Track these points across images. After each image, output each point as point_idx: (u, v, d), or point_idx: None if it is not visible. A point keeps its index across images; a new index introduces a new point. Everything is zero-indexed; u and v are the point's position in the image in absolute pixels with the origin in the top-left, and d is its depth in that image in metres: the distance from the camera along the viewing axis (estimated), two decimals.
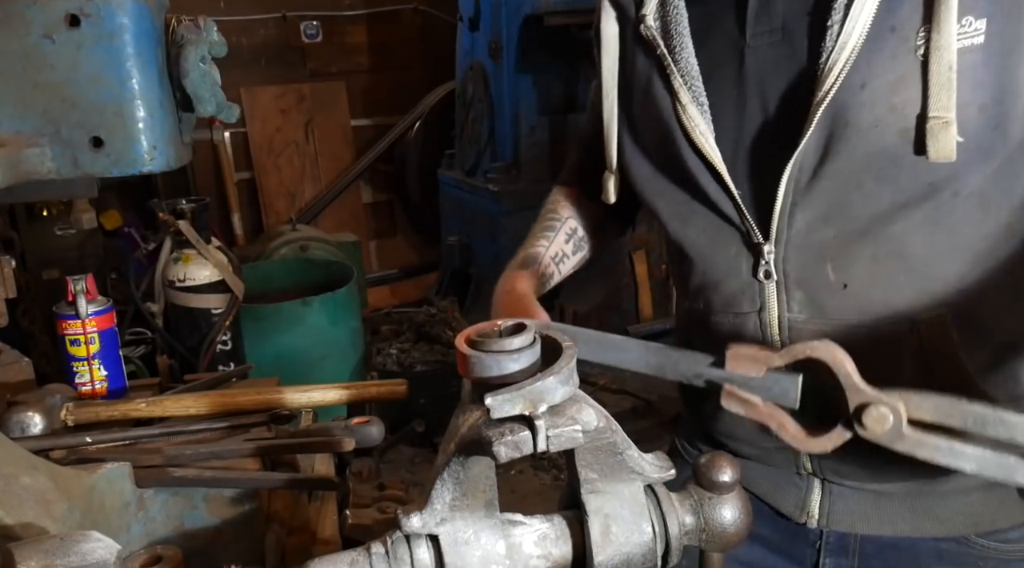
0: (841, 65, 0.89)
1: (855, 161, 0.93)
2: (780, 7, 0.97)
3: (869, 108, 0.90)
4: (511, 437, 0.60)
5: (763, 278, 1.02)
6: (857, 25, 0.88)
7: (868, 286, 0.98)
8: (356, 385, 1.29)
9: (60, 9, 0.76)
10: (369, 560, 0.64)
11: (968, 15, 0.85)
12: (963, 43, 0.85)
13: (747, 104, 1.00)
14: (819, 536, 1.12)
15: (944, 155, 0.87)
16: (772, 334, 1.04)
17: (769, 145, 0.98)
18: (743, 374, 0.70)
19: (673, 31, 1.04)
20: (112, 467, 0.94)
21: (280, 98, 5.61)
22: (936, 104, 0.87)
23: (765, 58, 0.98)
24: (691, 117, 1.01)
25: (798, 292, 1.01)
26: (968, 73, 0.86)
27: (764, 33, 0.98)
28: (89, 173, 0.80)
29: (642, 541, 0.65)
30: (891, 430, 0.68)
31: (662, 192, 1.13)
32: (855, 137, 0.91)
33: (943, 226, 0.94)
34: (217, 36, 0.87)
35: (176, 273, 2.23)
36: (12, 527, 0.76)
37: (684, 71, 1.02)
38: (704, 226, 1.08)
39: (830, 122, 0.92)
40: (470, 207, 4.80)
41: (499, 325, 0.64)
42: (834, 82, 0.90)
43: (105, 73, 0.78)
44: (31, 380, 1.47)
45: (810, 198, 0.96)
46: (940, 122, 0.87)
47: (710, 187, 1.02)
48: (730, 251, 1.05)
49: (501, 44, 4.44)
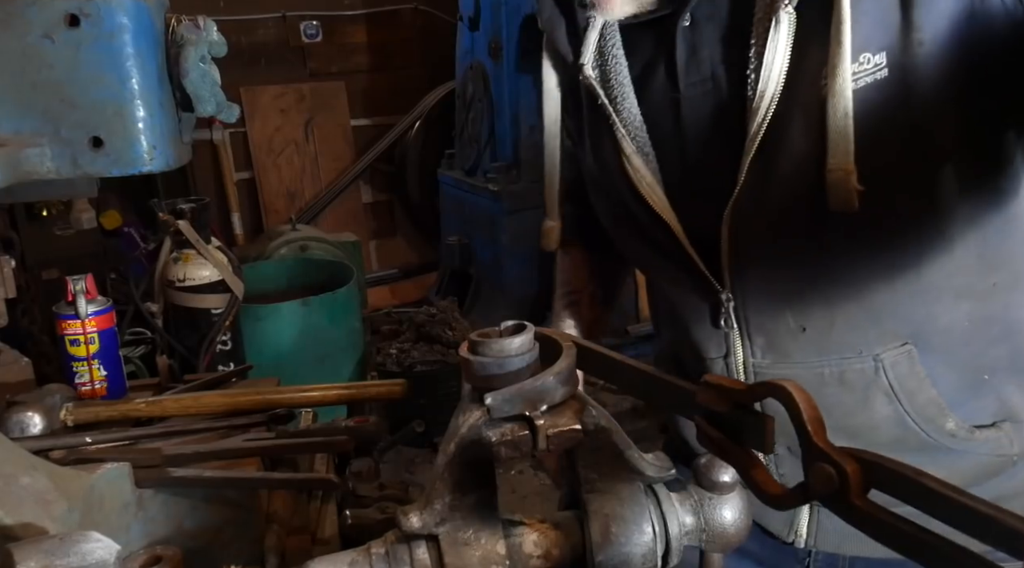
0: (762, 114, 0.88)
1: (785, 210, 0.91)
2: (707, 57, 0.95)
3: (785, 155, 0.89)
4: (511, 437, 0.60)
5: (723, 325, 1.02)
6: (773, 72, 0.87)
7: (827, 329, 0.97)
8: (356, 385, 1.28)
9: (60, 9, 0.76)
10: (369, 560, 0.64)
11: (865, 52, 0.83)
12: (865, 81, 0.83)
13: (687, 154, 0.99)
14: (808, 555, 1.11)
15: (844, 205, 0.84)
16: (739, 379, 1.03)
17: (710, 194, 0.96)
18: (713, 408, 0.66)
19: (613, 81, 1.02)
20: (112, 467, 0.94)
21: (280, 98, 5.61)
22: (833, 153, 0.84)
23: (700, 107, 0.97)
24: (636, 168, 1.00)
25: (759, 338, 1.01)
26: (876, 108, 0.83)
27: (695, 83, 0.96)
28: (89, 173, 0.80)
29: (642, 541, 0.65)
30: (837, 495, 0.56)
31: (624, 240, 1.13)
32: (781, 186, 0.90)
33: (889, 263, 0.93)
34: (217, 36, 0.87)
35: (176, 273, 2.22)
36: (12, 527, 0.76)
37: (627, 121, 1.01)
38: (669, 275, 1.08)
39: (757, 170, 0.91)
40: (470, 207, 4.80)
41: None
42: (756, 130, 0.89)
43: (105, 73, 0.78)
44: (31, 380, 1.48)
45: (754, 247, 0.96)
46: (839, 172, 0.84)
47: (663, 238, 1.01)
48: (693, 299, 1.05)
49: (501, 44, 4.44)
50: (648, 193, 1.00)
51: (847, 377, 0.98)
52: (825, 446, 0.57)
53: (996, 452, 1.00)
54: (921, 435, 0.98)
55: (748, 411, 0.64)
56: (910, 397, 0.96)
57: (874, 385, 0.97)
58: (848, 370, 0.97)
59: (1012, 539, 0.47)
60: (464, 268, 4.88)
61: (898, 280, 0.94)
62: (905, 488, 0.53)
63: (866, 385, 0.97)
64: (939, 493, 0.51)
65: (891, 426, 0.98)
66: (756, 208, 0.93)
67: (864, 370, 0.97)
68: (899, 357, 0.95)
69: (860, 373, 0.97)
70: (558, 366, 0.62)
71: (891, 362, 0.96)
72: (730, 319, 1.01)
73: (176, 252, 2.26)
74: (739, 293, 0.99)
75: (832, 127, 0.84)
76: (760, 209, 0.93)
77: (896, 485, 0.54)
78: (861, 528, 0.56)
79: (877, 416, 0.98)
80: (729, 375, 1.04)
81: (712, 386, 0.65)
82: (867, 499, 0.56)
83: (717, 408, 0.65)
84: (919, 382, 0.96)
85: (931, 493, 0.52)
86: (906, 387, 0.96)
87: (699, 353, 1.08)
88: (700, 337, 1.07)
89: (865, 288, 0.94)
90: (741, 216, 0.94)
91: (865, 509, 0.55)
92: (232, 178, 5.46)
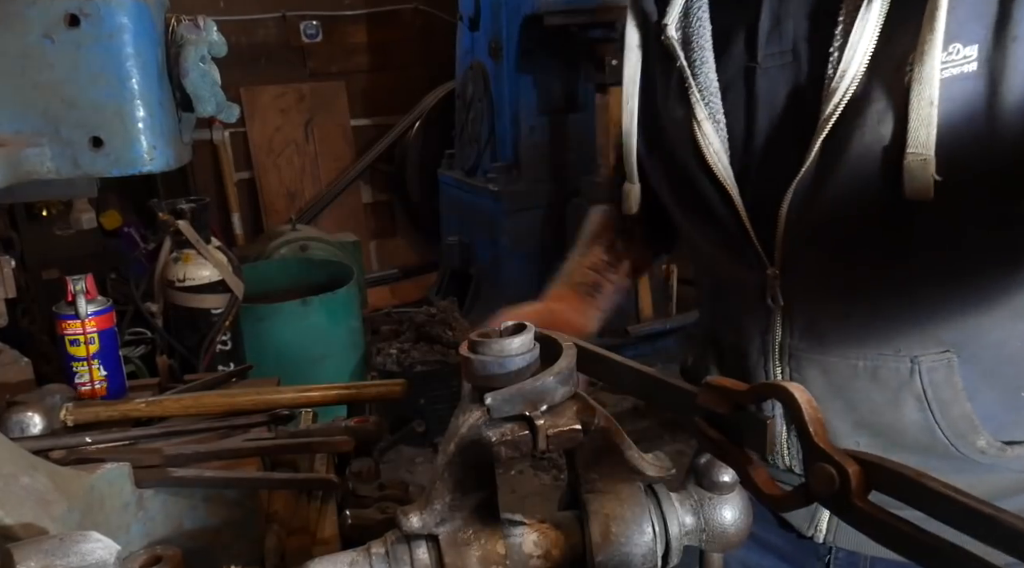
0: (840, 94, 0.87)
1: (850, 195, 0.90)
2: (790, 29, 0.94)
3: (859, 138, 0.87)
4: (511, 437, 0.60)
5: (769, 302, 1.00)
6: (857, 53, 0.85)
7: (869, 321, 0.95)
8: (356, 385, 1.28)
9: (60, 9, 0.76)
10: (369, 560, 0.64)
11: (956, 42, 0.81)
12: (951, 72, 0.82)
13: (757, 125, 0.98)
14: (828, 551, 1.10)
15: (920, 194, 0.83)
16: (774, 359, 1.02)
17: (776, 169, 0.95)
18: (714, 409, 0.65)
19: (695, 44, 1.00)
20: (112, 467, 0.94)
21: (280, 98, 5.61)
22: (914, 140, 0.83)
23: (775, 79, 0.96)
24: (706, 134, 0.98)
25: (800, 319, 0.99)
26: (959, 102, 0.82)
27: (775, 54, 0.95)
28: (89, 173, 0.80)
29: (642, 541, 0.65)
30: (837, 496, 0.56)
31: (679, 205, 1.11)
32: (847, 167, 0.89)
33: (946, 265, 0.90)
34: (217, 36, 0.87)
35: (176, 273, 2.23)
36: (12, 527, 0.76)
37: (703, 86, 0.99)
38: (717, 243, 1.06)
39: (828, 151, 0.89)
40: (470, 207, 4.80)
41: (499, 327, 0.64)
42: (832, 110, 0.87)
43: (105, 73, 0.78)
44: (31, 380, 1.47)
45: (810, 226, 0.94)
46: (918, 159, 0.83)
47: (720, 208, 1.00)
48: (740, 271, 1.03)
49: (501, 44, 4.44)
50: (714, 162, 0.98)
51: (880, 374, 0.95)
52: (827, 447, 0.57)
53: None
54: (950, 448, 0.95)
55: (748, 413, 0.63)
56: (943, 407, 0.94)
57: (907, 388, 0.94)
58: (883, 367, 0.95)
59: (1013, 540, 0.47)
60: (464, 268, 4.88)
61: (954, 285, 0.91)
62: (906, 489, 0.53)
63: (899, 386, 0.95)
64: (940, 494, 0.51)
65: (918, 432, 0.96)
66: (820, 189, 0.91)
67: (899, 370, 0.94)
68: (937, 363, 0.93)
69: (895, 372, 0.95)
70: (558, 366, 0.62)
71: (928, 367, 0.93)
72: (777, 296, 0.99)
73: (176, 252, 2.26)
74: (788, 271, 0.98)
75: (915, 115, 0.82)
76: (824, 191, 0.91)
77: (897, 486, 0.54)
78: (862, 529, 0.56)
79: (905, 420, 0.96)
80: (764, 354, 1.03)
81: (713, 387, 0.65)
82: (868, 500, 0.56)
83: (718, 409, 0.65)
84: (955, 393, 0.93)
85: (932, 494, 0.52)
86: (940, 396, 0.93)
87: (739, 329, 1.06)
88: (741, 309, 1.05)
89: (916, 286, 0.92)
90: (804, 195, 0.93)
91: (866, 510, 0.55)
92: (232, 178, 5.46)
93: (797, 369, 1.00)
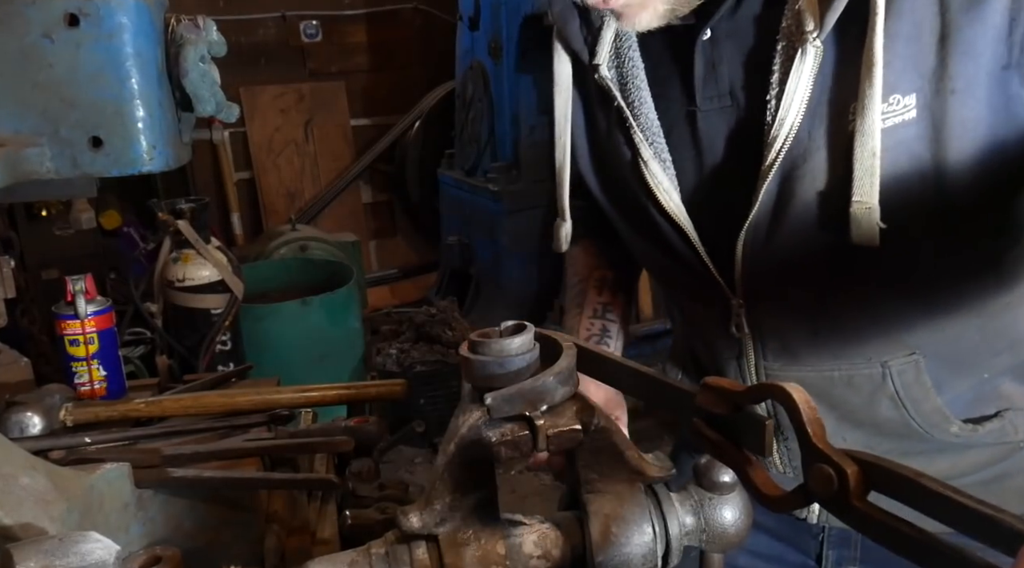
0: (780, 141, 0.88)
1: (802, 236, 0.92)
2: (725, 74, 0.95)
3: (810, 182, 0.90)
4: (511, 437, 0.60)
5: (734, 331, 1.03)
6: (795, 101, 0.87)
7: (838, 337, 0.99)
8: (356, 385, 1.28)
9: (59, 9, 0.76)
10: (369, 560, 0.64)
11: (895, 93, 0.83)
12: (893, 121, 0.84)
13: (704, 165, 0.99)
14: (822, 529, 1.13)
15: (866, 240, 0.86)
16: (751, 381, 1.05)
17: (727, 208, 0.97)
18: (712, 410, 0.65)
19: (631, 84, 1.01)
20: (111, 467, 0.94)
21: (280, 98, 5.61)
22: (859, 189, 0.85)
23: (716, 122, 0.97)
24: (654, 174, 0.99)
25: (772, 342, 1.02)
26: (902, 149, 0.84)
27: (713, 98, 0.96)
28: (88, 173, 0.80)
29: (642, 541, 0.65)
30: (836, 496, 0.56)
31: (636, 244, 1.12)
32: (799, 209, 0.91)
33: (903, 287, 0.94)
34: (217, 35, 0.86)
35: (175, 273, 2.23)
36: (11, 527, 0.76)
37: (644, 126, 1.00)
38: (681, 276, 1.08)
39: (778, 192, 0.91)
40: (470, 207, 4.79)
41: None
42: (775, 158, 0.89)
43: (104, 73, 0.78)
44: (30, 380, 1.47)
45: (768, 260, 0.96)
46: (863, 208, 0.85)
47: (677, 244, 1.02)
48: (706, 302, 1.06)
49: (501, 44, 4.44)
50: (665, 200, 1.00)
51: (855, 381, 0.99)
52: (825, 448, 0.57)
53: (1000, 440, 1.01)
54: (925, 436, 1.00)
55: (747, 413, 0.63)
56: (915, 405, 0.98)
57: (880, 390, 0.99)
58: (856, 375, 0.99)
59: (1011, 540, 0.47)
60: (464, 268, 4.87)
61: (912, 301, 0.95)
62: (904, 489, 0.53)
63: (873, 390, 0.99)
64: (938, 494, 0.51)
65: (895, 426, 1.01)
66: (772, 230, 0.94)
67: (872, 375, 0.98)
68: (906, 366, 0.97)
69: (868, 378, 0.99)
70: (558, 366, 0.62)
71: (898, 370, 0.97)
72: (742, 325, 1.02)
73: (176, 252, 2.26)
74: (752, 302, 1.01)
75: (859, 165, 0.84)
76: (776, 232, 0.94)
77: (895, 486, 0.54)
78: (860, 530, 0.56)
79: (881, 417, 1.00)
80: (742, 375, 1.06)
81: (711, 388, 0.65)
82: (867, 501, 0.56)
83: (716, 410, 0.65)
84: (924, 391, 0.97)
85: (930, 494, 0.52)
86: (911, 395, 0.98)
87: (712, 353, 1.09)
88: (713, 339, 1.08)
89: (879, 305, 0.96)
90: (756, 235, 0.95)
91: (864, 511, 0.55)
92: (232, 178, 5.46)
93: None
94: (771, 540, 1.17)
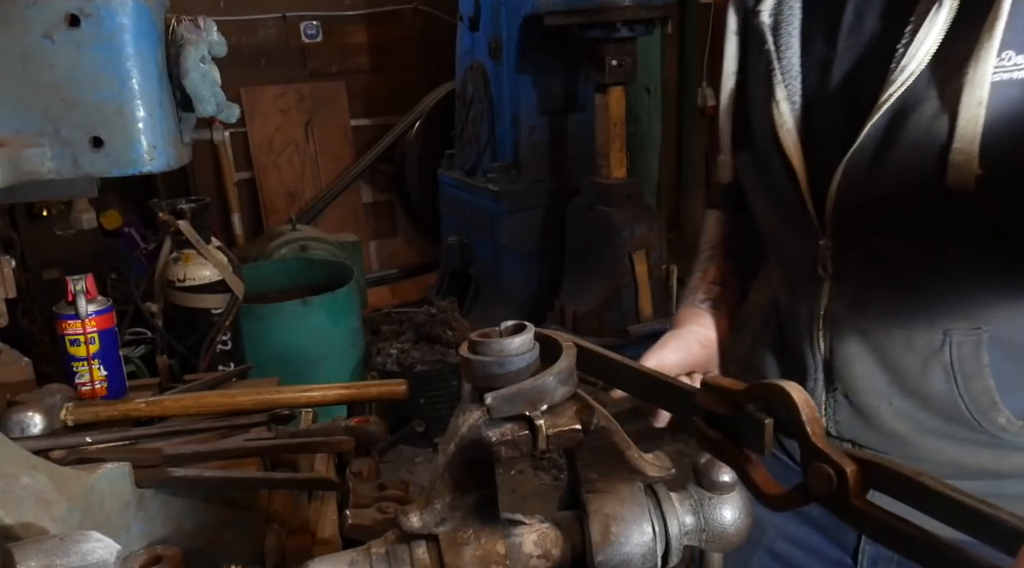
0: (897, 85, 0.93)
1: (899, 175, 0.96)
2: (869, 23, 1.01)
3: (914, 128, 0.94)
4: (511, 437, 0.60)
5: (820, 271, 1.08)
6: (919, 51, 0.92)
7: (908, 290, 1.02)
8: (356, 385, 1.29)
9: (60, 9, 0.76)
10: (369, 560, 0.64)
11: (1008, 50, 0.87)
12: (1000, 77, 0.87)
13: (825, 106, 1.05)
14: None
15: (961, 186, 0.90)
16: (818, 324, 1.10)
17: (833, 145, 1.03)
18: (712, 409, 0.65)
19: (783, 31, 1.09)
20: (112, 467, 0.94)
21: (280, 98, 5.61)
22: (961, 137, 0.89)
23: (848, 68, 1.03)
24: (782, 113, 1.07)
25: (847, 287, 1.07)
26: (1006, 105, 0.87)
27: (852, 46, 1.02)
28: (89, 173, 0.80)
29: (642, 541, 0.65)
30: (835, 495, 0.56)
31: (752, 187, 1.20)
32: (901, 154, 0.95)
33: (986, 251, 0.96)
34: (217, 36, 0.87)
35: (176, 273, 2.23)
36: (12, 527, 0.76)
37: (785, 70, 1.07)
38: (781, 213, 1.14)
39: (882, 134, 0.96)
40: (470, 207, 4.80)
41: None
42: (886, 98, 0.94)
43: (105, 73, 0.78)
44: (31, 380, 1.47)
45: (861, 201, 1.01)
46: (963, 153, 0.89)
47: (783, 181, 1.08)
48: (798, 240, 1.11)
49: (501, 44, 4.44)
50: (785, 138, 1.06)
51: (914, 342, 1.02)
52: (824, 447, 0.57)
53: None
54: (972, 421, 1.01)
55: (746, 413, 0.64)
56: (966, 380, 1.00)
57: (935, 358, 1.00)
58: (917, 336, 1.02)
59: (1011, 539, 0.47)
60: (464, 268, 4.88)
61: (992, 268, 0.97)
62: (904, 488, 0.53)
63: (929, 354, 1.01)
64: (937, 493, 0.51)
65: (943, 401, 1.02)
66: (870, 170, 0.98)
67: (931, 340, 1.01)
68: (967, 338, 0.99)
69: (927, 342, 1.01)
70: (558, 366, 0.62)
71: (958, 340, 0.99)
72: (827, 266, 1.07)
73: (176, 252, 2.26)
74: (839, 243, 1.05)
75: (964, 113, 0.88)
76: (874, 172, 0.98)
77: (895, 485, 0.54)
78: (860, 528, 0.56)
79: (931, 388, 1.02)
80: (810, 318, 1.11)
81: (711, 387, 0.65)
82: (866, 499, 0.56)
83: (716, 409, 0.65)
84: (979, 368, 0.99)
85: (929, 493, 0.52)
86: (964, 369, 0.99)
87: (793, 297, 1.15)
88: (796, 276, 1.14)
89: (957, 267, 0.98)
90: (855, 173, 0.99)
91: (864, 509, 0.55)
92: (232, 178, 5.45)
93: (838, 333, 1.09)
94: (812, 531, 1.19)
